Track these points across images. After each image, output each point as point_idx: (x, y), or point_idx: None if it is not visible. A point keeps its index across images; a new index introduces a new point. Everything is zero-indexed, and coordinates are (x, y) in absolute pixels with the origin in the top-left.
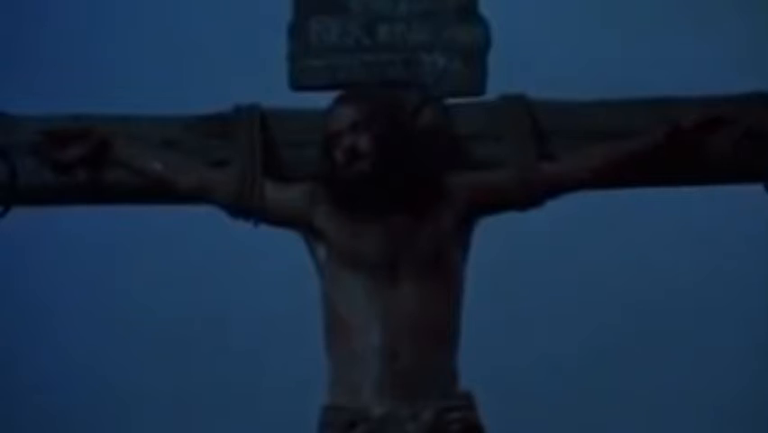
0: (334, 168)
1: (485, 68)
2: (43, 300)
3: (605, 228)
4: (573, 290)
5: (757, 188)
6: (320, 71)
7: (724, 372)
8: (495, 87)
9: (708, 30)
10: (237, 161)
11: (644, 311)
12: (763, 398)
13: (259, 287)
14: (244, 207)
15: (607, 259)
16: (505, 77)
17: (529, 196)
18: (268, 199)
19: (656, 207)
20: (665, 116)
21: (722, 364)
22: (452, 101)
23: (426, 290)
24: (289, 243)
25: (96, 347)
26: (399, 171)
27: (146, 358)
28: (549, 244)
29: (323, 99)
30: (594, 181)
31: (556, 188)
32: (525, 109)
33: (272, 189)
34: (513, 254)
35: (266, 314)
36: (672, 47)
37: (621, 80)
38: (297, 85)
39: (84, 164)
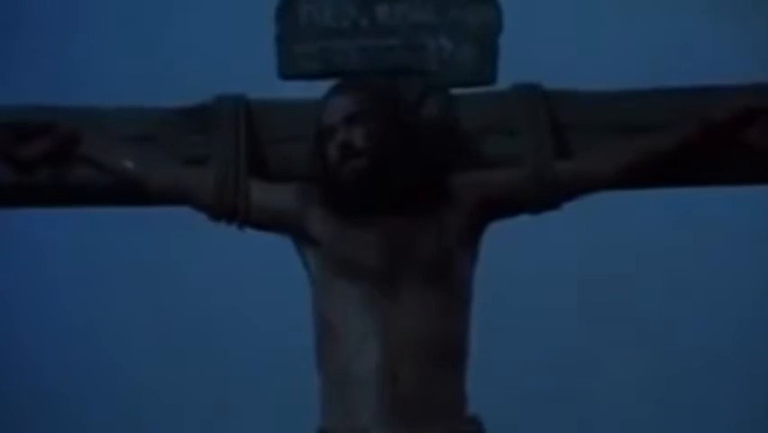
0: (328, 166)
1: (496, 53)
2: (15, 310)
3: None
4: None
5: None
6: (311, 57)
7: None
8: (507, 76)
9: (743, 14)
10: (219, 159)
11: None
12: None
13: (247, 295)
14: (227, 209)
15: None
16: (518, 64)
17: (545, 197)
18: (253, 201)
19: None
20: (698, 107)
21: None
22: (459, 91)
23: (430, 302)
24: (278, 247)
25: (72, 355)
26: (400, 170)
27: (130, 367)
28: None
29: (315, 89)
30: (617, 181)
31: (575, 189)
32: (542, 100)
33: (258, 190)
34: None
35: (254, 325)
36: (707, 30)
37: (648, 68)
38: (285, 73)
39: (47, 162)
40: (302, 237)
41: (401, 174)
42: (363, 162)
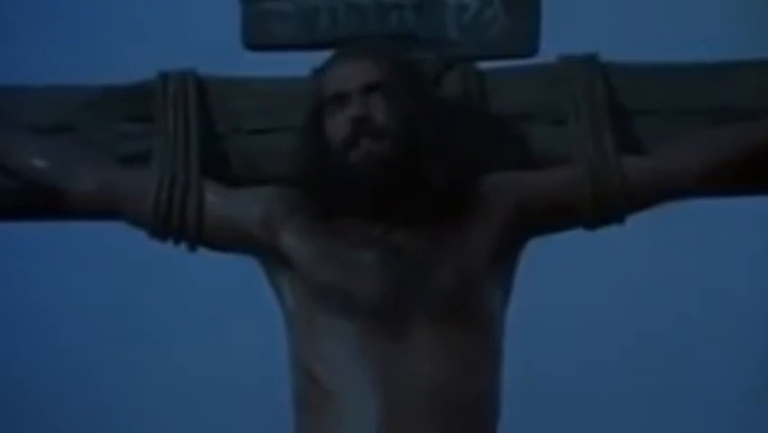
0: (326, 150)
1: (538, 16)
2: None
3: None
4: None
5: None
6: (288, 22)
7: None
8: (551, 46)
9: None
10: (162, 155)
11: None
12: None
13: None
14: (173, 224)
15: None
16: (566, 30)
17: (604, 206)
18: (208, 212)
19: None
20: None
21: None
22: (488, 65)
23: (448, 348)
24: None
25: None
26: (430, 166)
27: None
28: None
29: (292, 63)
30: (704, 185)
31: (646, 195)
32: (599, 76)
33: (215, 197)
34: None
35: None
36: None
37: (734, 36)
38: (253, 42)
39: None
40: (274, 260)
41: (430, 171)
42: (385, 147)
